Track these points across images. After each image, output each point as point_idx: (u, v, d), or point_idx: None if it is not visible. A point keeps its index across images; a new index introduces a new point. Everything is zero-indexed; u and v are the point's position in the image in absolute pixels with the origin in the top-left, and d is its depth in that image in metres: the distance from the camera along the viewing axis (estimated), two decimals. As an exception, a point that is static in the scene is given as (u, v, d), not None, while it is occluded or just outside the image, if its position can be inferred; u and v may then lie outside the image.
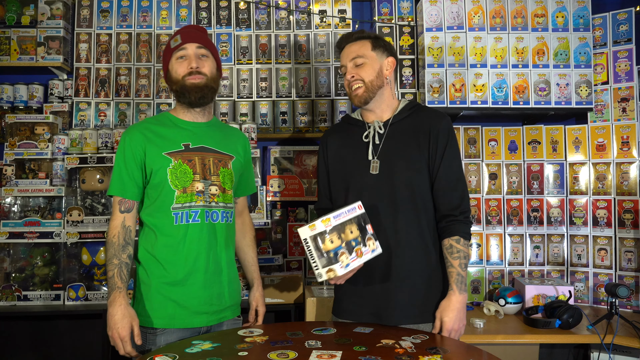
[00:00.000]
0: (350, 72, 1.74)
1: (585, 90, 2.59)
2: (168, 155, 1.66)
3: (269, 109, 2.78)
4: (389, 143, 1.73)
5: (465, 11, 2.62)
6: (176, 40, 1.69)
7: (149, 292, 1.66)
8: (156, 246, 1.66)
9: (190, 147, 1.70)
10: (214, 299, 1.69)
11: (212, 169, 1.71)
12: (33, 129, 2.64)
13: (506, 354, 2.12)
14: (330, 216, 1.47)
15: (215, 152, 1.74)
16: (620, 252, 2.55)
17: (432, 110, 1.80)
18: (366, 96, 1.74)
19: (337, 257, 1.46)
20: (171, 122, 1.75)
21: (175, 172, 1.65)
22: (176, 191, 1.65)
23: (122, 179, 1.67)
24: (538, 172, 2.69)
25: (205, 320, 1.68)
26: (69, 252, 2.52)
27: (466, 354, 1.39)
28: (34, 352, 2.55)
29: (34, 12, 2.76)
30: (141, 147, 1.66)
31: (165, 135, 1.70)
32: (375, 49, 1.75)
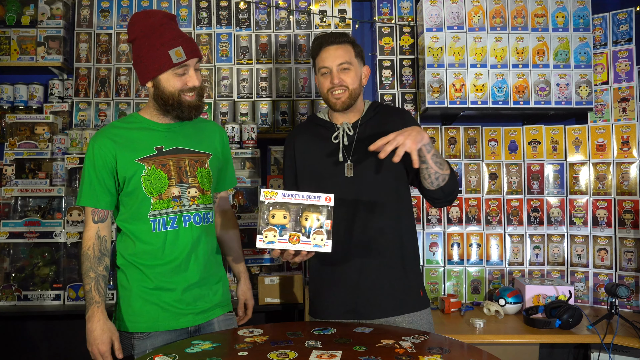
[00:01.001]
0: (336, 77, 1.73)
1: (585, 90, 2.59)
2: (140, 161, 1.60)
3: (269, 109, 2.78)
4: (360, 145, 1.74)
5: (465, 11, 2.62)
6: (179, 55, 1.57)
7: (130, 297, 1.63)
8: (135, 253, 1.63)
9: (163, 151, 1.64)
10: (198, 300, 1.68)
11: (188, 171, 1.66)
12: (33, 129, 2.64)
13: (506, 354, 2.12)
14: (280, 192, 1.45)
15: (191, 152, 1.68)
16: (620, 252, 2.55)
17: (393, 108, 1.89)
18: (348, 102, 1.75)
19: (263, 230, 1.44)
20: (141, 124, 1.67)
21: (149, 178, 1.60)
22: (152, 198, 1.60)
23: (93, 188, 1.61)
24: (538, 172, 2.69)
25: (192, 321, 1.67)
26: (69, 252, 2.52)
27: (466, 354, 1.39)
28: (34, 352, 2.55)
29: (34, 12, 2.76)
30: (111, 154, 1.60)
31: (136, 140, 1.63)
32: (357, 57, 1.78)
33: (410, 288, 1.75)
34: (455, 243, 2.67)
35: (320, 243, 1.47)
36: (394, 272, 1.73)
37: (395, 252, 1.74)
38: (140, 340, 1.61)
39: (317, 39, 1.79)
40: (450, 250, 2.67)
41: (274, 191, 1.45)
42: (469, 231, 2.67)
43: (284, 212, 1.45)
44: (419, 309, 1.75)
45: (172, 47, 1.57)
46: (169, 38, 1.58)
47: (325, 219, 1.46)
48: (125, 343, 1.63)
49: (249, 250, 2.53)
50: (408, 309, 1.72)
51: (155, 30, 1.59)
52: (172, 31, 1.61)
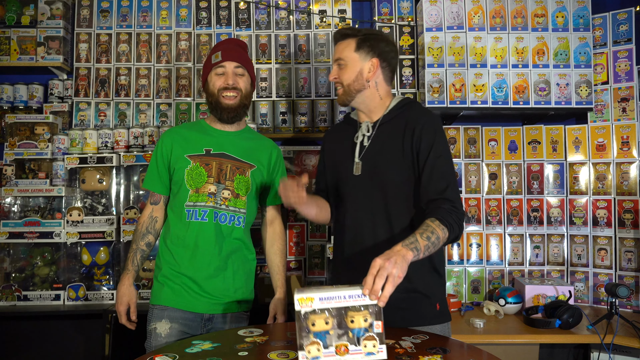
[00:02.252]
0: (332, 74, 1.76)
1: (585, 90, 2.59)
2: (189, 157, 1.84)
3: (269, 109, 2.78)
4: (374, 145, 1.70)
5: (465, 11, 2.62)
6: (217, 57, 1.84)
7: (159, 274, 1.85)
8: (169, 236, 1.85)
9: (210, 153, 1.86)
10: (216, 290, 1.82)
11: (228, 175, 1.85)
12: (33, 129, 2.64)
13: (506, 354, 2.12)
14: (317, 296, 1.24)
15: (235, 160, 1.87)
16: (620, 252, 2.55)
17: (419, 108, 1.72)
18: (344, 99, 1.74)
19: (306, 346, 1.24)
20: (202, 128, 1.92)
21: (192, 173, 1.82)
22: (190, 190, 1.81)
23: (152, 175, 1.90)
24: (538, 172, 2.69)
25: (207, 308, 1.81)
26: (69, 252, 2.52)
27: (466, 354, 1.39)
28: (34, 352, 2.55)
29: (34, 12, 2.76)
30: (169, 147, 1.87)
31: (191, 139, 1.88)
32: (359, 50, 1.69)
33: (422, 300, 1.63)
34: (455, 243, 2.66)
35: (373, 350, 1.24)
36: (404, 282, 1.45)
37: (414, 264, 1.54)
38: (159, 310, 1.80)
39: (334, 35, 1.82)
40: (450, 250, 2.67)
41: (310, 297, 1.24)
42: (469, 231, 2.67)
43: (325, 317, 1.25)
44: (431, 323, 1.63)
45: (214, 52, 1.87)
46: (215, 48, 1.89)
47: (375, 320, 1.24)
48: (150, 315, 1.84)
49: (249, 250, 2.53)
50: (417, 322, 1.61)
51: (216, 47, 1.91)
52: (223, 44, 1.92)
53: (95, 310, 2.37)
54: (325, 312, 1.24)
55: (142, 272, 2.48)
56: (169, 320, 1.78)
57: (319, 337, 1.24)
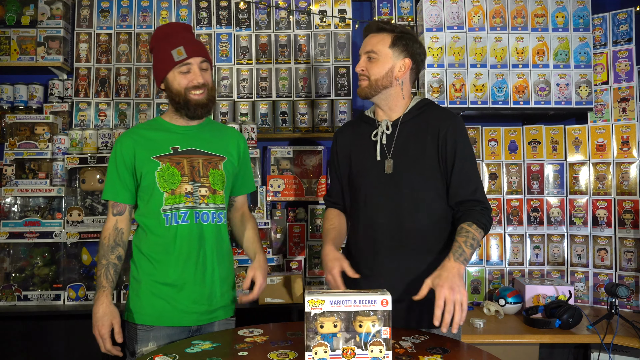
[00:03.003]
0: (360, 65, 1.71)
1: (585, 90, 2.59)
2: (156, 158, 1.70)
3: (269, 109, 2.78)
4: (398, 143, 1.68)
5: (465, 11, 2.62)
6: (180, 54, 1.69)
7: (139, 288, 1.70)
8: (147, 245, 1.71)
9: (178, 150, 1.73)
10: (203, 299, 1.70)
11: (201, 171, 1.73)
12: (33, 129, 2.64)
13: (506, 354, 2.12)
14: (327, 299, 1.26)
15: (205, 154, 1.76)
16: (620, 252, 2.55)
17: (441, 110, 1.73)
18: (367, 92, 1.71)
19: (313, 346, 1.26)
20: (162, 126, 1.78)
21: (163, 174, 1.69)
22: (164, 193, 1.68)
23: (113, 184, 1.73)
24: (538, 172, 2.69)
25: (195, 320, 1.70)
26: (69, 252, 2.52)
27: (466, 354, 1.39)
28: (34, 352, 2.55)
29: (34, 12, 2.76)
30: (131, 152, 1.71)
31: (155, 139, 1.74)
32: (393, 46, 1.68)
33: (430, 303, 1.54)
34: (455, 243, 2.66)
35: (379, 355, 1.25)
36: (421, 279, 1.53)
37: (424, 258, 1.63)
38: (144, 332, 1.66)
39: (366, 26, 1.78)
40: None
41: (320, 299, 1.26)
42: (469, 231, 2.67)
43: (334, 320, 1.26)
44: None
45: (174, 47, 1.69)
46: (173, 41, 1.70)
47: (383, 326, 1.25)
48: (130, 332, 1.68)
49: (249, 250, 2.53)
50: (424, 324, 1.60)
51: (167, 36, 1.73)
52: (178, 35, 1.72)
53: (95, 310, 2.37)
54: (335, 315, 1.25)
55: None
56: (155, 342, 1.65)
57: (326, 339, 1.25)
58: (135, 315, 1.68)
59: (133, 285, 1.73)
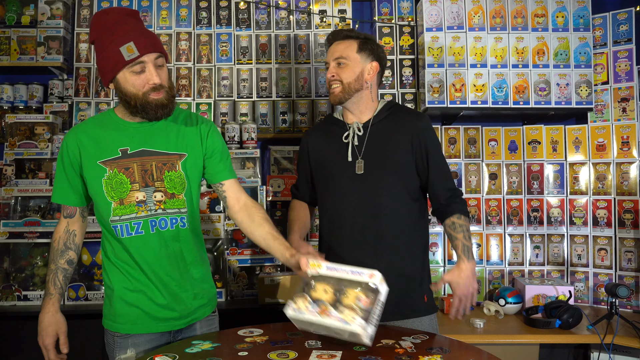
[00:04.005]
0: (331, 71, 1.78)
1: (585, 90, 2.59)
2: (103, 164, 1.53)
3: (269, 109, 2.78)
4: (369, 144, 1.76)
5: (465, 11, 2.62)
6: (131, 51, 1.44)
7: (112, 297, 1.59)
8: (111, 251, 1.60)
9: (128, 153, 1.55)
10: (175, 305, 1.60)
11: (154, 175, 1.55)
12: (33, 129, 2.64)
13: (506, 354, 2.12)
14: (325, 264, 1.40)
15: (159, 155, 1.57)
16: (620, 252, 2.55)
17: (409, 111, 1.85)
18: (341, 96, 1.77)
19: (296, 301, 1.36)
20: (114, 123, 1.58)
21: (111, 182, 1.52)
22: (112, 203, 1.53)
23: (61, 186, 1.59)
24: (538, 172, 2.69)
25: (171, 325, 1.61)
26: (69, 252, 2.51)
27: (466, 354, 1.39)
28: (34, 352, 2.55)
29: (34, 12, 2.76)
30: (77, 154, 1.55)
31: (102, 140, 1.55)
32: (361, 51, 1.77)
33: (411, 293, 1.73)
34: (455, 243, 2.66)
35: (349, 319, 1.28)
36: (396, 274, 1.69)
37: (399, 254, 1.73)
38: (122, 339, 1.58)
39: (329, 35, 1.84)
40: (450, 250, 2.67)
41: (319, 263, 1.40)
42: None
43: (324, 287, 1.37)
44: (419, 315, 1.72)
45: (122, 44, 1.44)
46: (120, 35, 1.45)
47: (365, 297, 1.32)
48: (108, 340, 1.62)
49: (249, 250, 2.53)
50: (408, 314, 1.71)
51: (107, 29, 1.47)
52: (125, 26, 1.47)
53: (95, 310, 2.37)
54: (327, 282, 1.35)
55: None
56: (134, 349, 1.56)
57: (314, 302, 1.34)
58: (111, 324, 1.59)
59: (107, 292, 1.62)
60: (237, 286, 2.52)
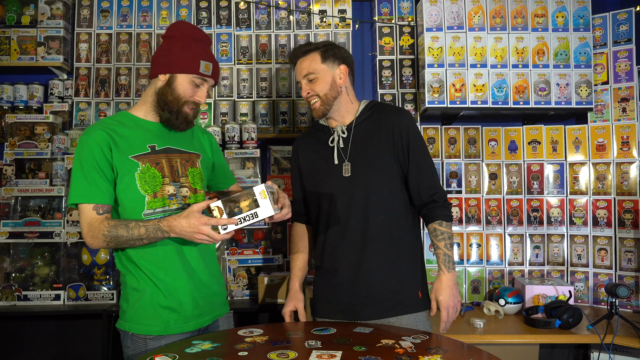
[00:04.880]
0: (305, 89, 1.79)
1: (585, 90, 2.59)
2: (134, 158, 1.57)
3: (269, 109, 2.78)
4: (354, 146, 1.77)
5: (465, 11, 2.62)
6: (207, 69, 1.62)
7: (141, 299, 1.59)
8: (138, 253, 1.59)
9: (156, 149, 1.62)
10: (204, 301, 1.66)
11: (180, 170, 1.64)
12: (33, 129, 2.64)
13: (506, 354, 2.12)
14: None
15: (182, 152, 1.67)
16: (620, 252, 2.55)
17: (391, 107, 1.87)
18: (323, 109, 1.78)
19: None
20: (134, 122, 1.64)
21: (144, 176, 1.57)
22: (146, 196, 1.56)
23: (95, 183, 1.53)
24: (538, 172, 2.69)
25: (200, 323, 1.65)
26: (69, 252, 2.52)
27: (466, 354, 1.39)
28: (34, 352, 2.55)
29: (34, 12, 2.76)
30: (107, 147, 1.55)
31: (129, 137, 1.60)
32: (325, 61, 1.78)
33: (405, 289, 1.75)
34: (455, 243, 2.66)
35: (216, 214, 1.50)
36: (389, 272, 1.73)
37: (390, 252, 1.74)
38: (154, 341, 1.58)
39: (289, 56, 1.87)
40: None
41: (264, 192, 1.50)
42: (469, 231, 2.67)
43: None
44: (414, 310, 1.74)
45: (205, 59, 1.62)
46: (205, 51, 1.64)
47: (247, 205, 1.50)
48: (138, 344, 1.59)
49: (249, 250, 2.54)
50: (401, 310, 1.72)
51: (195, 40, 1.63)
52: (209, 50, 1.68)
53: (95, 310, 2.37)
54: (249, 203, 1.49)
55: None
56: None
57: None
58: (142, 327, 1.58)
59: (133, 296, 1.60)
60: (237, 286, 2.52)
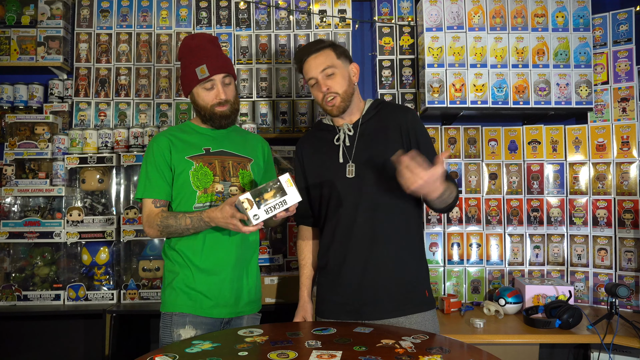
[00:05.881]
0: (324, 85, 1.74)
1: (585, 90, 2.59)
2: (190, 158, 1.80)
3: (269, 109, 2.78)
4: (360, 144, 1.76)
5: (465, 11, 2.62)
6: (203, 72, 1.76)
7: (174, 280, 1.77)
8: (181, 243, 1.79)
9: (210, 151, 1.83)
10: (235, 294, 1.80)
11: (231, 171, 1.83)
12: (33, 129, 2.64)
13: (506, 354, 2.12)
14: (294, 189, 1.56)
15: (234, 155, 1.86)
16: (620, 252, 2.55)
17: (396, 106, 1.87)
18: (343, 106, 1.76)
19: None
20: (193, 130, 1.88)
21: (197, 174, 1.78)
22: (197, 192, 1.77)
23: (157, 181, 1.79)
24: (538, 172, 2.69)
25: (227, 312, 1.79)
26: (69, 252, 2.52)
27: (466, 354, 1.39)
28: (34, 352, 2.55)
29: (34, 12, 2.76)
30: (167, 150, 1.80)
31: (188, 141, 1.83)
32: (339, 57, 1.77)
33: (412, 288, 1.74)
34: (455, 243, 2.67)
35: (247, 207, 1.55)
36: (395, 272, 1.73)
37: (396, 252, 1.73)
38: (179, 317, 1.73)
39: (297, 54, 1.84)
40: (450, 250, 2.67)
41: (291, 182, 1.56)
42: (469, 231, 2.67)
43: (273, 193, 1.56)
44: (421, 310, 1.73)
45: (197, 65, 1.76)
46: (197, 57, 1.78)
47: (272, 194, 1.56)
48: (165, 320, 1.76)
49: (249, 250, 2.53)
50: (409, 310, 1.71)
51: (191, 51, 1.81)
52: (203, 51, 1.80)
53: (95, 310, 2.37)
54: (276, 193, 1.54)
55: (142, 272, 2.48)
56: (192, 327, 1.72)
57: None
58: (173, 305, 1.76)
59: (168, 277, 1.81)
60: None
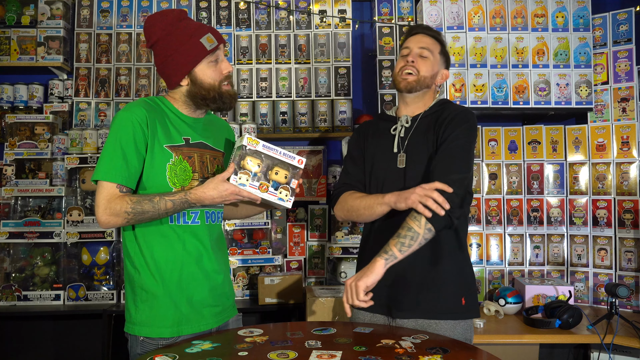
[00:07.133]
0: (413, 55, 1.71)
1: (585, 90, 2.59)
2: (169, 148, 1.50)
3: (269, 109, 2.78)
4: (413, 137, 1.72)
5: (465, 11, 2.62)
6: (211, 41, 1.50)
7: (154, 300, 1.51)
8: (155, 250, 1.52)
9: (190, 142, 1.55)
10: (217, 301, 1.61)
11: (209, 167, 1.58)
12: (33, 129, 2.64)
13: (506, 354, 2.12)
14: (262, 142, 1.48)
15: (212, 150, 1.62)
16: (620, 252, 2.55)
17: (454, 105, 1.75)
18: (413, 86, 1.71)
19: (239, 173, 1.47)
20: (170, 111, 1.57)
21: (175, 168, 1.51)
22: (174, 189, 1.49)
23: (130, 162, 1.45)
24: (538, 172, 2.69)
25: (214, 322, 1.60)
26: (69, 252, 2.52)
27: (466, 354, 1.39)
28: (34, 352, 2.55)
29: (34, 12, 2.76)
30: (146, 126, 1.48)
31: (166, 126, 1.53)
32: (441, 55, 1.76)
33: (447, 292, 1.62)
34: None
35: (285, 198, 1.52)
36: (432, 271, 1.62)
37: (435, 251, 1.63)
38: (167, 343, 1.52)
39: (413, 27, 1.81)
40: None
41: (256, 140, 1.48)
42: (469, 231, 2.67)
43: (258, 162, 1.48)
44: (454, 318, 1.61)
45: (202, 35, 1.50)
46: (195, 28, 1.52)
47: (293, 178, 1.52)
48: (150, 347, 1.52)
49: (249, 250, 2.53)
50: (441, 315, 1.60)
51: (177, 25, 1.51)
52: (194, 22, 1.55)
53: (95, 310, 2.37)
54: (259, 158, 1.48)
55: None
56: None
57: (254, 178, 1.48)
58: (155, 330, 1.51)
59: (143, 297, 1.51)
60: (237, 286, 2.52)
